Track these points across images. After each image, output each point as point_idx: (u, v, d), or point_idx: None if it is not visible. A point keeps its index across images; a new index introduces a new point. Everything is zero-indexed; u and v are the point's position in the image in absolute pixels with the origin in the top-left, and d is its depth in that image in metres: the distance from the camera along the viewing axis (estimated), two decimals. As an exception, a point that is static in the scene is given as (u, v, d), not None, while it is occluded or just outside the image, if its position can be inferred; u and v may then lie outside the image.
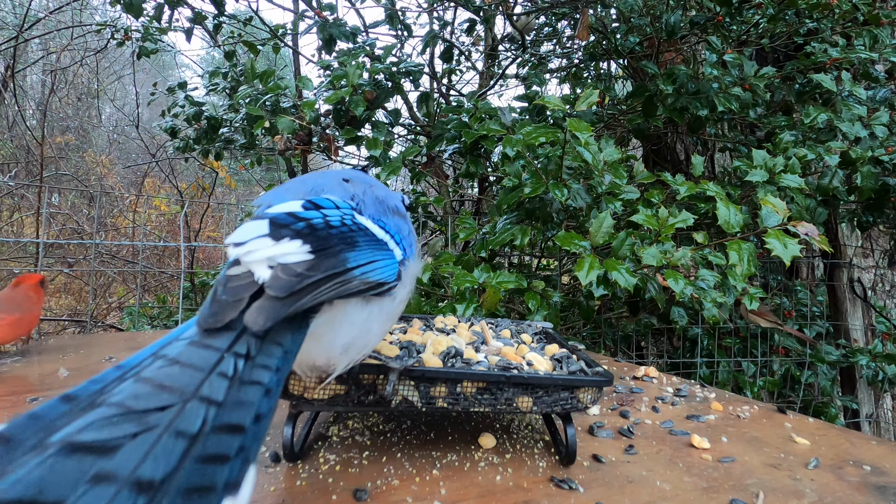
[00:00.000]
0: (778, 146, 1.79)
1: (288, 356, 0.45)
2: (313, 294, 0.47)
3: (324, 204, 0.61)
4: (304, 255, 0.50)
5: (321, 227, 0.55)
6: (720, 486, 0.72)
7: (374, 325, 0.60)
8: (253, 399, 0.39)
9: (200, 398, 0.36)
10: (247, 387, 0.40)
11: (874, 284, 2.85)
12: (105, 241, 4.91)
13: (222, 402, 0.37)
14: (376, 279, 0.56)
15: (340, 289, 0.50)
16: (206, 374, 0.38)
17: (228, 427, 0.36)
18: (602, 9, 2.72)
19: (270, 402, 0.40)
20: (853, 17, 2.10)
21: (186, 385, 0.37)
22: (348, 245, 0.55)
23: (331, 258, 0.51)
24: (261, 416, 0.39)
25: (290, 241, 0.51)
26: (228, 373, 0.40)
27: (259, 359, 0.42)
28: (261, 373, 0.41)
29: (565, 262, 2.37)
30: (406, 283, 0.65)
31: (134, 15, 2.29)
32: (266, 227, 0.52)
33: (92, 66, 6.18)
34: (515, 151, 1.62)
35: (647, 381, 1.24)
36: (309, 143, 2.17)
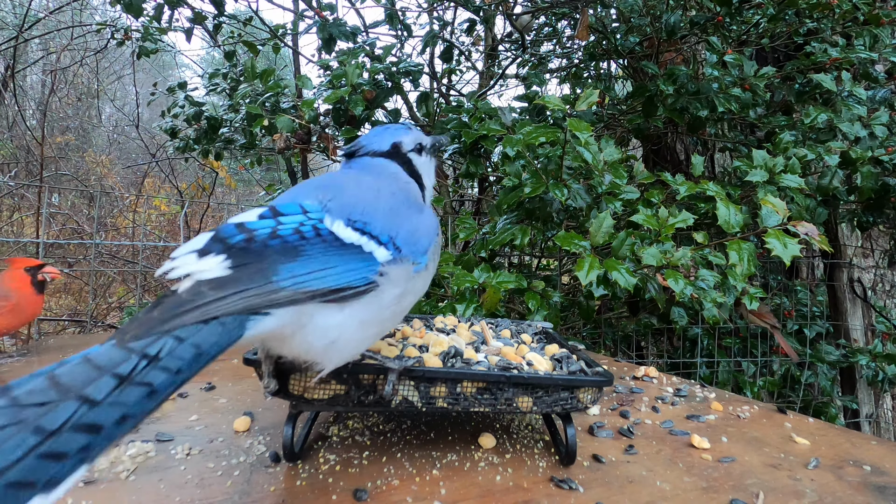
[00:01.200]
0: (778, 146, 1.79)
1: (200, 358, 0.47)
2: (203, 311, 0.49)
3: (287, 210, 0.62)
4: (220, 271, 0.53)
5: (259, 240, 0.57)
6: (720, 486, 0.72)
7: (351, 327, 0.60)
8: (129, 400, 0.41)
9: (79, 396, 0.39)
10: (132, 387, 0.42)
11: (874, 284, 2.85)
12: (105, 241, 4.91)
13: (98, 402, 0.40)
14: (325, 286, 0.57)
15: (257, 300, 0.52)
16: (100, 374, 0.41)
17: (87, 426, 0.38)
18: (602, 9, 2.72)
19: (149, 404, 0.42)
20: (853, 17, 2.10)
21: (75, 384, 0.40)
22: (287, 256, 0.56)
23: (253, 272, 0.53)
24: (127, 418, 0.40)
25: (214, 256, 0.54)
26: (124, 373, 0.42)
27: (165, 360, 0.44)
28: (156, 374, 0.43)
29: (565, 262, 2.37)
30: (391, 287, 0.63)
31: (134, 15, 2.29)
32: (202, 241, 0.56)
33: (92, 66, 6.17)
34: (515, 151, 1.62)
35: (647, 381, 1.24)
36: (308, 143, 2.17)
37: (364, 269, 0.61)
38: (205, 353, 0.47)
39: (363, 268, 0.61)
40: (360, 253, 0.62)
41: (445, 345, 0.82)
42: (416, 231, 0.69)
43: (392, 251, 0.64)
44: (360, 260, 0.61)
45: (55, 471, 0.36)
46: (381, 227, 0.65)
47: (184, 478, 0.68)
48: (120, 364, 0.43)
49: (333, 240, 0.61)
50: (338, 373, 0.68)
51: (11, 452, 0.35)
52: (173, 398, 0.98)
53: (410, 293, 0.68)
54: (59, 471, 0.36)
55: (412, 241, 0.67)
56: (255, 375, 0.73)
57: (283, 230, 0.59)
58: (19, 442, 0.36)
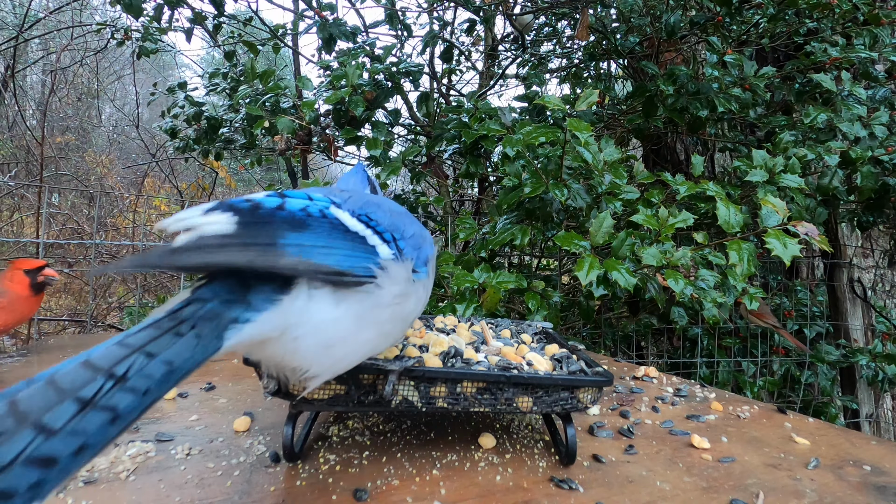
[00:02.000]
0: (778, 146, 1.79)
1: (172, 376, 0.43)
2: (203, 253, 0.45)
3: (293, 195, 0.60)
4: (227, 225, 0.49)
5: (267, 208, 0.54)
6: (720, 486, 0.72)
7: (348, 325, 0.56)
8: (90, 429, 0.37)
9: (35, 425, 0.35)
10: (94, 413, 0.38)
11: (874, 284, 2.85)
12: (105, 241, 4.91)
13: (56, 431, 0.36)
14: (329, 263, 0.53)
15: (259, 259, 0.48)
16: (62, 399, 0.37)
17: (40, 459, 0.34)
18: (602, 9, 2.72)
19: (111, 430, 0.38)
20: (853, 16, 2.10)
21: (35, 410, 0.36)
22: (293, 226, 0.53)
23: (258, 229, 0.50)
24: (85, 448, 0.36)
25: (221, 213, 0.50)
26: (87, 397, 0.38)
27: (132, 380, 0.40)
28: (121, 397, 0.39)
29: (565, 262, 2.37)
30: (390, 285, 0.60)
31: (134, 15, 2.29)
32: (208, 205, 0.52)
33: (92, 66, 6.17)
34: (515, 151, 1.62)
35: (647, 381, 1.24)
36: (309, 143, 2.17)
37: (367, 258, 0.59)
38: (177, 369, 0.43)
39: (366, 257, 0.59)
40: (363, 243, 0.61)
41: (445, 345, 0.82)
42: (419, 236, 0.69)
43: (394, 250, 0.64)
44: (363, 249, 0.60)
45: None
46: (385, 224, 0.65)
47: (184, 478, 0.68)
48: (84, 386, 0.38)
49: (339, 223, 0.60)
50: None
51: None
52: (173, 398, 0.98)
53: (412, 297, 0.65)
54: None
55: (415, 246, 0.67)
56: (255, 375, 0.73)
57: (291, 205, 0.57)
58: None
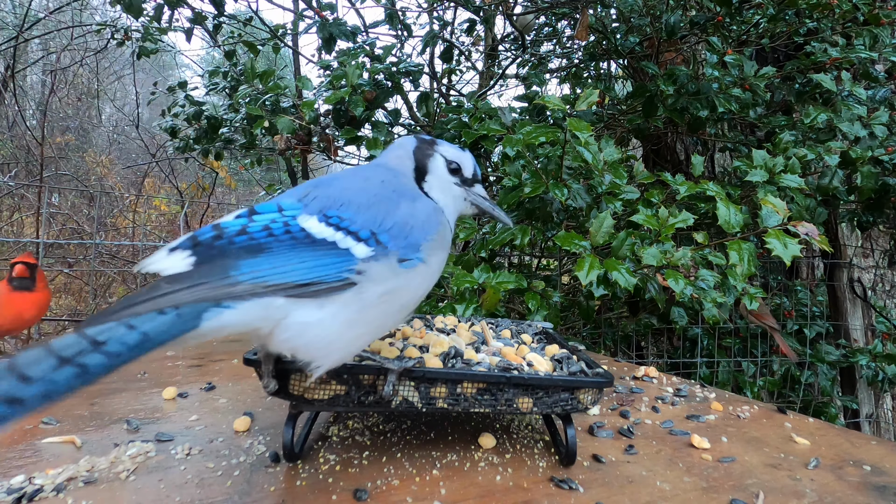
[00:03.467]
0: (778, 146, 1.79)
1: (145, 344, 0.50)
2: (154, 302, 0.52)
3: (263, 210, 0.65)
4: (182, 266, 0.56)
5: (226, 237, 0.60)
6: (720, 486, 0.72)
7: (335, 325, 0.60)
8: (58, 379, 0.44)
9: (19, 375, 0.43)
10: (67, 367, 0.45)
11: (874, 284, 2.85)
12: (105, 241, 4.91)
13: (32, 379, 0.43)
14: (290, 280, 0.58)
15: (213, 293, 0.55)
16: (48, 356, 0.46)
17: (10, 399, 0.42)
18: (602, 9, 2.72)
19: (75, 382, 0.45)
20: (853, 17, 2.10)
21: (23, 364, 0.44)
22: (249, 252, 0.58)
23: (211, 268, 0.56)
24: (50, 394, 0.44)
25: (181, 251, 0.58)
26: (67, 355, 0.46)
27: (109, 345, 0.48)
28: (94, 356, 0.46)
29: (565, 262, 2.37)
30: (373, 284, 0.62)
31: (134, 15, 2.29)
32: (180, 240, 0.60)
33: (92, 66, 6.18)
34: (515, 151, 1.62)
35: (647, 381, 1.24)
36: (309, 143, 2.17)
37: (337, 264, 0.61)
38: (151, 339, 0.50)
39: (336, 263, 0.61)
40: (333, 248, 0.62)
41: (446, 345, 0.82)
42: (407, 224, 0.67)
43: (373, 247, 0.63)
44: (333, 255, 0.61)
45: None
46: (361, 221, 0.64)
47: (184, 478, 0.68)
48: (68, 347, 0.46)
49: (304, 236, 0.62)
50: (338, 373, 0.68)
51: None
52: (173, 398, 0.98)
53: (403, 291, 0.65)
54: None
55: (401, 235, 0.65)
56: (255, 375, 0.73)
57: (253, 227, 0.61)
58: None
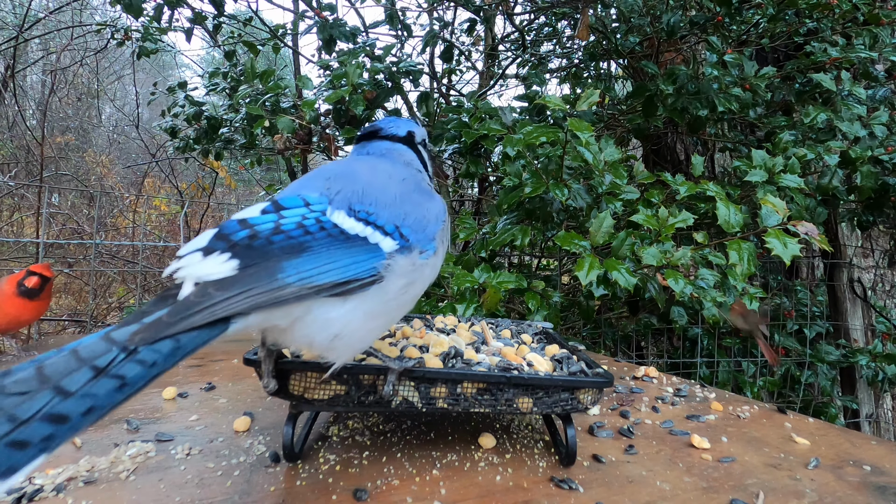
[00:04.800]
0: (778, 146, 1.79)
1: (177, 352, 0.47)
2: (210, 311, 0.49)
3: (289, 204, 0.62)
4: (227, 271, 0.52)
5: (262, 236, 0.56)
6: (720, 486, 0.72)
7: (356, 320, 0.60)
8: (99, 392, 0.42)
9: (54, 387, 0.40)
10: (105, 380, 0.42)
11: (874, 284, 2.85)
12: (105, 241, 4.91)
13: (71, 393, 0.41)
14: (329, 280, 0.56)
15: (263, 298, 0.52)
16: (80, 365, 0.42)
17: (54, 416, 0.39)
18: (602, 9, 2.71)
19: (117, 396, 0.43)
20: (853, 16, 2.10)
21: (56, 374, 0.41)
22: (290, 253, 0.56)
23: (259, 270, 0.53)
24: (93, 410, 0.41)
25: (219, 255, 0.54)
26: (101, 365, 0.43)
27: (143, 353, 0.45)
28: (131, 367, 0.44)
29: (565, 262, 2.37)
30: (396, 278, 0.63)
31: (134, 15, 2.29)
32: (206, 239, 0.55)
33: (92, 66, 6.17)
34: (516, 151, 1.62)
35: (647, 381, 1.23)
36: (309, 143, 2.17)
37: (370, 260, 0.61)
38: (183, 346, 0.47)
39: (369, 259, 0.61)
40: (365, 244, 0.62)
41: (446, 345, 0.82)
42: (425, 217, 0.69)
43: (398, 241, 0.64)
44: (365, 252, 0.61)
45: (16, 459, 0.37)
46: (387, 216, 0.65)
47: (184, 478, 0.68)
48: (100, 356, 0.43)
49: (339, 233, 0.61)
50: (338, 373, 0.68)
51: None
52: (173, 398, 0.98)
53: (418, 282, 0.67)
54: (18, 459, 0.37)
55: (420, 228, 0.67)
56: (255, 375, 0.73)
57: (286, 224, 0.58)
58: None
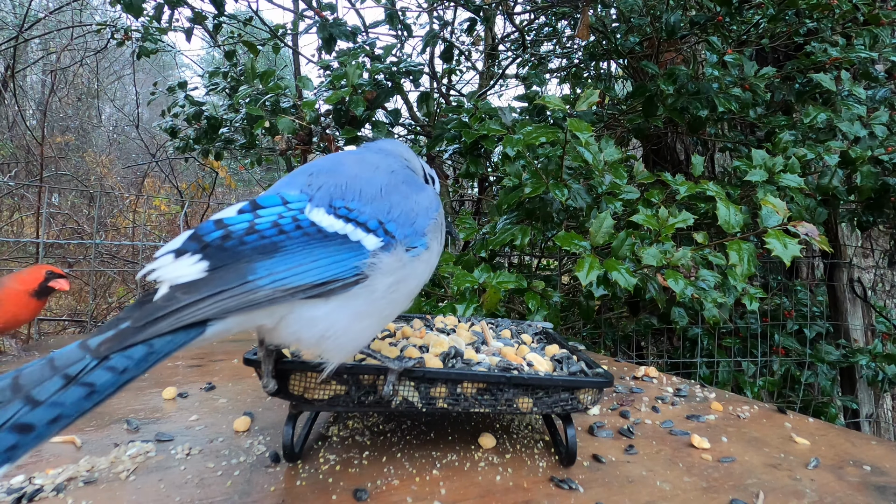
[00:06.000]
0: (778, 146, 1.79)
1: (150, 357, 0.46)
2: (176, 318, 0.48)
3: (267, 203, 0.60)
4: (196, 273, 0.51)
5: (235, 236, 0.55)
6: (720, 486, 0.72)
7: (343, 318, 0.59)
8: (67, 401, 0.41)
9: (25, 397, 0.40)
10: (74, 387, 0.41)
11: (874, 284, 2.85)
12: (105, 241, 4.91)
13: (40, 402, 0.40)
14: (306, 282, 0.55)
15: (234, 301, 0.51)
16: (52, 374, 0.41)
17: (20, 426, 0.38)
18: (602, 9, 2.72)
19: (85, 404, 0.42)
20: (853, 17, 2.10)
21: (29, 384, 0.40)
22: (263, 254, 0.55)
23: (229, 273, 0.52)
24: (60, 418, 0.40)
25: (189, 256, 0.53)
26: (72, 373, 0.42)
27: (114, 359, 0.44)
28: (101, 374, 0.43)
29: (565, 262, 2.37)
30: (383, 275, 0.61)
31: (134, 15, 2.29)
32: (181, 241, 0.55)
33: (92, 66, 6.18)
34: (515, 151, 1.62)
35: (647, 381, 1.23)
36: (309, 143, 2.17)
37: (351, 259, 0.59)
38: (157, 351, 0.47)
39: (350, 258, 0.59)
40: (345, 242, 0.60)
41: (446, 345, 0.82)
42: (413, 210, 0.67)
43: (382, 237, 0.62)
44: (346, 250, 0.59)
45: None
46: (370, 211, 0.63)
47: (184, 478, 0.68)
48: (73, 364, 0.43)
49: (316, 231, 0.59)
50: (338, 373, 0.68)
51: None
52: (173, 398, 0.98)
53: (410, 279, 0.65)
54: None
55: (407, 223, 0.65)
56: (255, 375, 0.73)
57: (261, 224, 0.57)
58: None
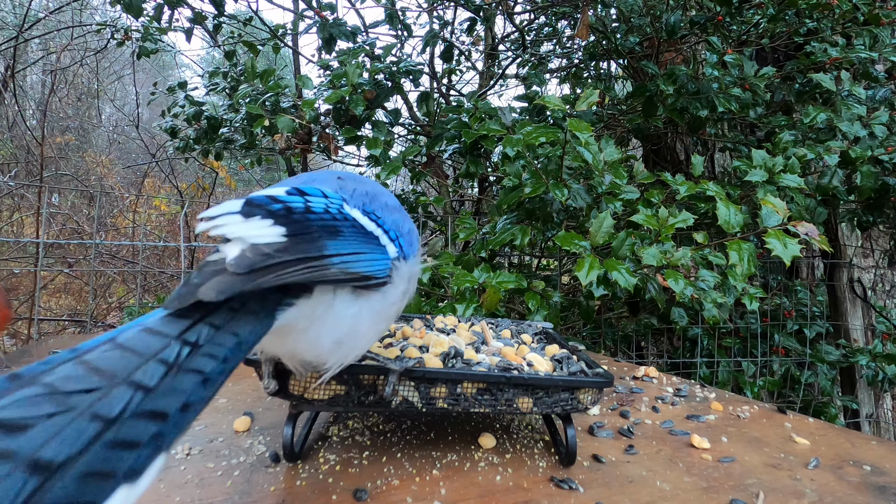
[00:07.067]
0: (778, 146, 1.79)
1: (241, 346, 0.45)
2: (277, 274, 0.46)
3: (310, 192, 0.60)
4: (275, 237, 0.49)
5: (299, 212, 0.54)
6: (720, 486, 0.72)
7: (363, 322, 0.60)
8: (186, 387, 0.39)
9: (130, 383, 0.37)
10: (184, 374, 0.40)
11: (874, 284, 2.85)
12: (105, 241, 4.91)
13: (153, 388, 0.37)
14: (360, 271, 0.56)
15: (313, 274, 0.50)
16: (144, 360, 0.39)
17: (151, 413, 0.36)
18: (602, 9, 2.72)
19: (206, 391, 0.40)
20: (853, 17, 2.10)
21: (120, 369, 0.37)
22: (329, 233, 0.54)
23: (306, 242, 0.51)
24: (189, 405, 0.39)
25: (261, 219, 0.51)
26: (169, 359, 0.40)
27: (207, 347, 0.43)
28: (204, 361, 0.42)
29: (565, 262, 2.37)
30: (398, 283, 0.63)
31: (134, 15, 2.29)
32: (239, 205, 0.52)
33: (92, 66, 6.18)
34: (515, 151, 1.62)
35: (647, 381, 1.23)
36: (309, 143, 2.17)
37: (384, 259, 0.61)
38: (244, 341, 0.46)
39: (383, 259, 0.61)
40: (378, 245, 0.62)
41: (446, 345, 0.82)
42: (413, 233, 0.71)
43: (398, 249, 0.65)
44: (379, 252, 0.61)
45: (132, 460, 0.34)
46: (390, 222, 0.66)
47: (184, 478, 0.68)
48: (161, 350, 0.40)
49: (360, 227, 0.60)
50: (338, 373, 0.68)
51: (75, 441, 0.32)
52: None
53: (407, 295, 0.68)
54: (136, 460, 0.34)
55: (409, 242, 0.69)
56: (255, 375, 0.73)
57: (315, 207, 0.57)
58: (79, 430, 0.32)
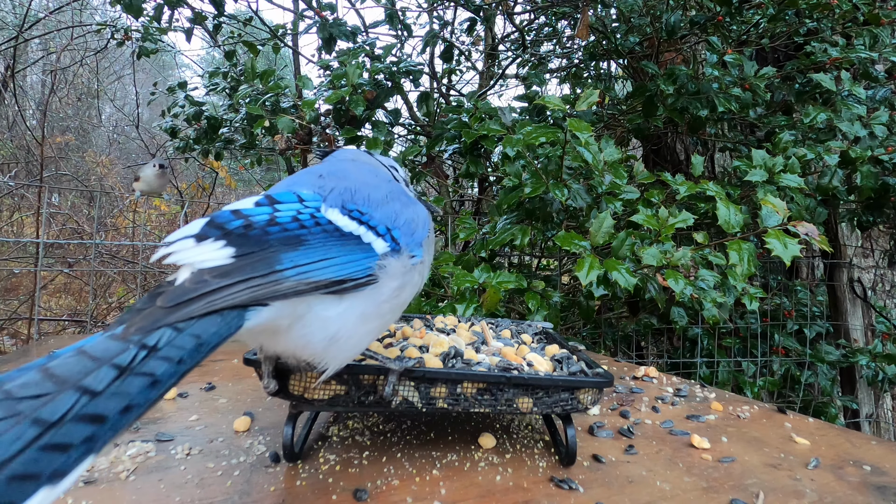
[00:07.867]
0: (778, 146, 1.79)
1: (201, 349, 0.46)
2: (209, 301, 0.47)
3: (283, 199, 0.60)
4: (222, 259, 0.51)
5: (258, 226, 0.55)
6: (720, 486, 0.72)
7: (351, 320, 0.59)
8: (132, 390, 0.40)
9: (77, 387, 0.38)
10: (134, 377, 0.41)
11: (874, 284, 2.85)
12: (105, 241, 4.91)
13: (99, 392, 0.39)
14: (327, 277, 0.55)
15: (259, 292, 0.50)
16: (97, 365, 0.40)
17: (90, 417, 0.37)
18: (602, 9, 2.72)
19: (152, 393, 0.41)
20: (853, 17, 2.10)
21: (72, 375, 0.39)
22: (287, 245, 0.55)
23: (256, 261, 0.52)
24: (131, 407, 0.40)
25: (213, 242, 0.52)
26: (123, 363, 0.41)
27: (164, 350, 0.43)
28: (157, 364, 0.42)
29: (565, 262, 2.37)
30: (389, 280, 0.62)
31: (134, 15, 2.29)
32: (198, 227, 0.53)
33: (92, 66, 6.17)
34: (515, 151, 1.62)
35: (647, 381, 1.23)
36: (309, 143, 2.17)
37: (365, 259, 0.60)
38: (205, 343, 0.46)
39: (364, 258, 0.60)
40: (359, 243, 0.61)
41: (446, 345, 0.82)
42: (413, 221, 0.69)
43: (390, 243, 0.64)
44: (360, 251, 0.61)
45: (60, 462, 0.35)
46: (379, 216, 0.65)
47: (184, 478, 0.68)
48: (117, 355, 0.41)
49: (334, 229, 0.60)
50: (338, 373, 0.68)
51: (10, 445, 0.34)
52: (173, 398, 0.98)
53: (408, 286, 0.67)
54: (63, 462, 0.35)
55: (409, 232, 0.67)
56: (255, 375, 0.73)
57: (281, 217, 0.57)
58: (18, 434, 0.34)
